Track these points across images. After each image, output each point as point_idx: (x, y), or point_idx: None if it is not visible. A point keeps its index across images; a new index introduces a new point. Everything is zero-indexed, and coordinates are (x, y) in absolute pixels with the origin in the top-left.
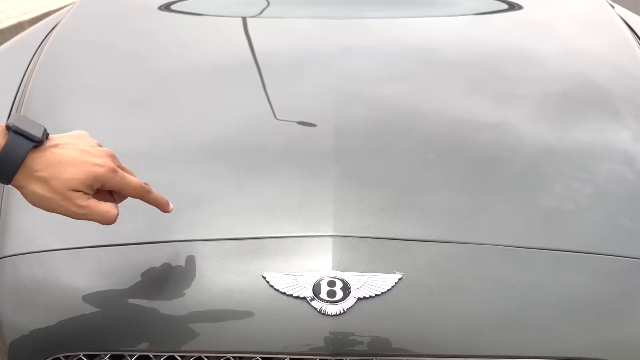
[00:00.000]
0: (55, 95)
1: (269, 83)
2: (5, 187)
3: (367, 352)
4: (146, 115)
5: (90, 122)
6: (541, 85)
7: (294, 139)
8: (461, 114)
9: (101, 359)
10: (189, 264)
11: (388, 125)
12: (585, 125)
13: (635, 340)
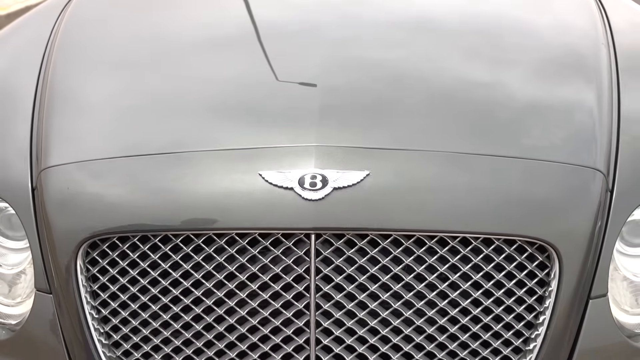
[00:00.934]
0: (77, 65)
1: (269, 48)
2: (45, 109)
3: (339, 227)
4: (159, 71)
5: (109, 86)
6: (496, 38)
7: (285, 81)
8: (436, 64)
9: (130, 241)
10: (204, 166)
11: (370, 68)
12: (525, 62)
13: (556, 221)
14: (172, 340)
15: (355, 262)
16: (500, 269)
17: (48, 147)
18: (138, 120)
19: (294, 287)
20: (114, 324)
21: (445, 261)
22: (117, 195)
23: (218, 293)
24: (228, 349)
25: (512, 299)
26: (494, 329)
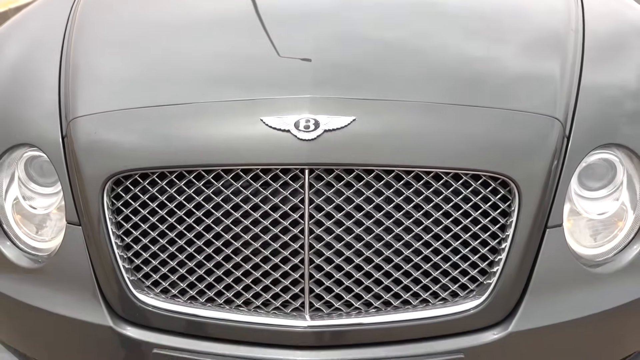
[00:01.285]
0: (95, 39)
1: (268, 23)
2: (70, 74)
3: (329, 163)
4: (170, 42)
5: (124, 54)
6: (476, 18)
7: (284, 48)
8: (418, 36)
9: (149, 178)
10: (213, 114)
11: (360, 40)
12: (498, 35)
13: (517, 159)
14: (187, 263)
15: (343, 194)
16: (467, 201)
17: (75, 102)
18: (153, 79)
19: (291, 215)
20: (136, 250)
21: (421, 194)
22: (136, 139)
23: (226, 221)
24: (235, 269)
25: (477, 226)
26: (462, 252)
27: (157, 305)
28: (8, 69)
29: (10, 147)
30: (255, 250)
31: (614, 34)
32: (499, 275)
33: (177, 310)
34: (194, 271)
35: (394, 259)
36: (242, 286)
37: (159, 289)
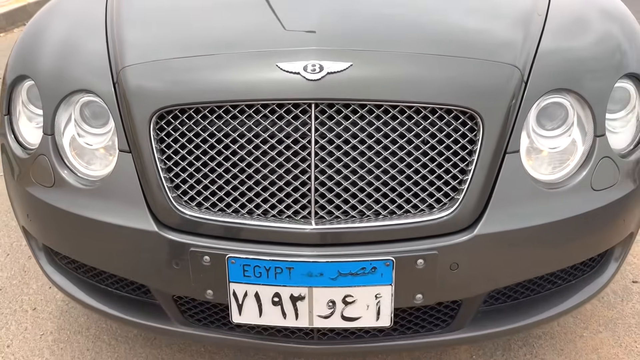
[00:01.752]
0: (136, 6)
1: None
2: (115, 28)
3: (331, 99)
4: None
5: (164, 9)
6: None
7: (295, 13)
8: (405, 7)
9: (187, 113)
10: (239, 60)
11: (356, 9)
12: (471, 8)
13: (483, 97)
14: (217, 181)
15: (341, 124)
16: (441, 131)
17: (122, 55)
18: (186, 36)
19: (301, 142)
20: (176, 172)
21: (404, 124)
22: (175, 82)
23: (248, 146)
24: (255, 186)
25: (449, 152)
26: (437, 172)
27: (193, 215)
28: (64, 31)
29: (69, 93)
30: (272, 170)
31: (575, 8)
32: (465, 191)
33: (209, 218)
34: (222, 188)
35: (383, 177)
36: (261, 199)
37: (194, 203)
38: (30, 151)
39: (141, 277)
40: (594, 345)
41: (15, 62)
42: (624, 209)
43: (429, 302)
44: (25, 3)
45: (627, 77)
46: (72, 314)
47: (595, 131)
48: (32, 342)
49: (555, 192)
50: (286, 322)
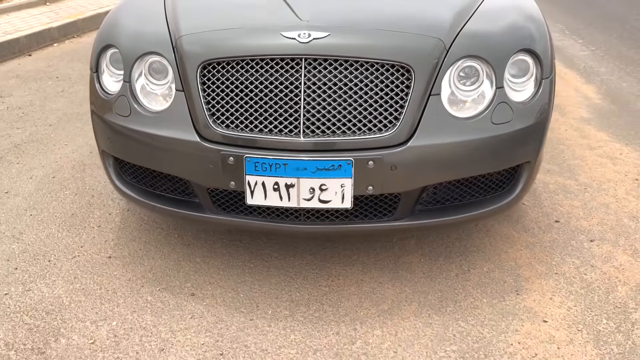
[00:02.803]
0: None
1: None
2: (170, 4)
3: (315, 54)
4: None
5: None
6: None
7: (296, 5)
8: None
9: (220, 64)
10: (258, 30)
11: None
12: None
13: (416, 57)
14: (240, 109)
15: (322, 72)
16: (387, 79)
17: (178, 29)
18: (222, 13)
19: (295, 83)
20: (213, 104)
21: (363, 73)
22: (212, 46)
23: (259, 85)
24: (265, 112)
25: (392, 92)
26: (384, 105)
27: (223, 131)
28: (136, 15)
29: (142, 54)
30: (276, 101)
31: (500, 4)
32: (402, 119)
33: (233, 133)
34: (243, 113)
35: (349, 108)
36: (268, 121)
37: (224, 124)
38: (110, 95)
39: (187, 175)
40: (514, 257)
41: (101, 35)
42: (515, 138)
43: (377, 192)
44: (75, 19)
45: (526, 51)
46: (126, 230)
47: (497, 84)
48: (99, 245)
49: (464, 123)
50: (282, 203)
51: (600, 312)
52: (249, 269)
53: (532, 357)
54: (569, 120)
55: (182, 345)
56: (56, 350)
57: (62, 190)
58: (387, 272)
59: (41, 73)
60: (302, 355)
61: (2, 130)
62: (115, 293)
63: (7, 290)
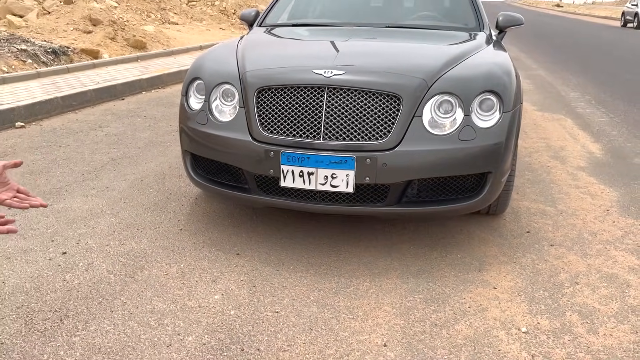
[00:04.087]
0: (251, 45)
1: (322, 39)
2: (239, 54)
3: (334, 85)
4: (281, 47)
5: (267, 48)
6: (419, 36)
7: (331, 44)
8: (391, 42)
9: (270, 90)
10: (296, 68)
11: (364, 43)
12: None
13: (404, 89)
14: (280, 121)
15: (339, 98)
16: (384, 103)
17: (244, 67)
18: (274, 59)
19: (318, 106)
20: (263, 117)
21: (367, 99)
22: (267, 77)
23: (294, 105)
24: (297, 123)
25: (386, 113)
26: (379, 122)
27: (268, 135)
28: (215, 58)
29: (219, 83)
30: (304, 118)
31: (479, 60)
32: (392, 132)
33: (275, 137)
34: (281, 124)
35: (355, 122)
36: (298, 129)
37: (268, 130)
38: (193, 111)
39: (242, 165)
40: (484, 250)
41: (191, 71)
42: (477, 152)
43: (372, 182)
44: (161, 74)
45: (490, 92)
46: (193, 215)
47: (465, 113)
48: (173, 222)
49: (438, 138)
50: (304, 186)
51: (539, 286)
52: (280, 242)
53: (478, 306)
54: (566, 168)
55: (227, 279)
56: (141, 277)
57: (147, 189)
58: (383, 252)
59: (132, 112)
60: (310, 290)
61: (102, 149)
62: (183, 250)
63: (108, 243)
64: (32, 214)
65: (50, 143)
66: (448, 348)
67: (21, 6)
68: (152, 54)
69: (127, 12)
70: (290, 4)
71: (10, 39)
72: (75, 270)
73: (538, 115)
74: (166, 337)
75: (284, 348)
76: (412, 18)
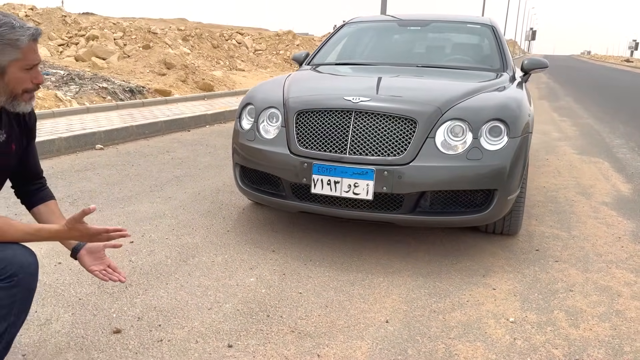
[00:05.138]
0: (295, 81)
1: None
2: (286, 86)
3: (361, 110)
4: (323, 83)
5: (308, 82)
6: (448, 75)
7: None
8: (422, 78)
9: (312, 112)
10: (330, 96)
11: (400, 80)
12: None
13: (420, 114)
14: (313, 138)
15: (365, 121)
16: (401, 125)
17: (288, 95)
18: (313, 89)
19: (346, 127)
20: (301, 134)
21: (388, 122)
22: (306, 102)
23: (326, 127)
24: (328, 141)
25: (403, 133)
26: (397, 141)
27: (303, 150)
28: (264, 90)
29: (266, 107)
30: (334, 136)
31: (489, 95)
32: (408, 149)
33: (309, 151)
34: (314, 140)
35: (376, 141)
36: (329, 145)
37: (304, 146)
38: (244, 130)
39: (281, 174)
40: (492, 261)
41: (245, 99)
42: (483, 170)
43: (389, 191)
44: (223, 110)
45: (498, 119)
46: (239, 220)
47: (474, 136)
48: (222, 225)
49: (448, 156)
50: (331, 192)
51: (535, 290)
52: (310, 244)
53: (475, 301)
54: (590, 202)
55: (262, 268)
56: (192, 262)
57: (203, 200)
58: (399, 257)
59: (196, 141)
60: (330, 280)
61: (168, 169)
62: (228, 245)
63: (167, 237)
64: (108, 214)
65: (124, 162)
66: (441, 328)
67: (105, 50)
68: (217, 93)
69: (199, 59)
70: (339, 47)
71: (93, 78)
72: (140, 254)
73: (576, 158)
74: (208, 303)
75: (302, 317)
76: (444, 60)
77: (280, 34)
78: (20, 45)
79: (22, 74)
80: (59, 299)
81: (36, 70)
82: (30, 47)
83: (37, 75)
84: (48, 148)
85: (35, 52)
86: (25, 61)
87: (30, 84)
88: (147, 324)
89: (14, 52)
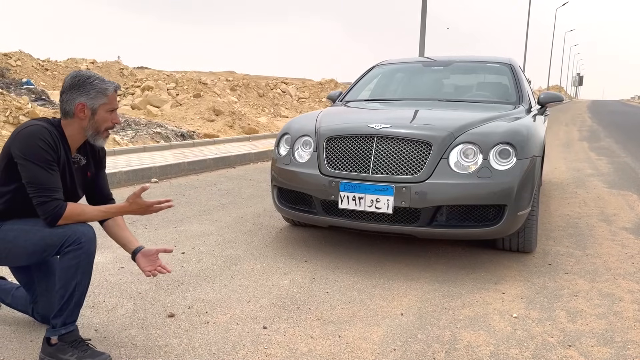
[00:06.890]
0: (327, 115)
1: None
2: (319, 120)
3: (381, 135)
4: (355, 117)
5: (339, 115)
6: (468, 106)
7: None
8: (446, 112)
9: (340, 138)
10: (357, 125)
11: (429, 113)
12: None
13: (435, 139)
14: (341, 162)
15: (386, 144)
16: (417, 147)
17: (320, 126)
18: (342, 119)
19: (369, 149)
20: (330, 157)
21: (405, 145)
22: (334, 130)
23: (352, 150)
24: (354, 163)
25: (419, 154)
26: (413, 161)
27: (333, 170)
28: (300, 122)
29: (301, 135)
30: (359, 159)
31: (501, 123)
32: (424, 168)
33: (337, 171)
34: (343, 163)
35: (397, 163)
36: (355, 166)
37: (333, 167)
38: (281, 156)
39: (313, 192)
40: (505, 273)
41: (283, 129)
42: (492, 187)
43: (407, 206)
44: (266, 149)
45: (506, 143)
46: (277, 238)
47: (484, 157)
48: (261, 241)
49: (460, 174)
50: (356, 207)
51: (542, 295)
52: (338, 256)
53: (484, 301)
54: (610, 227)
55: (295, 273)
56: (235, 268)
57: (245, 222)
58: (419, 268)
59: (241, 176)
60: (355, 284)
61: (215, 198)
62: (266, 256)
63: (214, 249)
64: (163, 232)
65: (176, 192)
66: (450, 320)
67: (158, 99)
68: (261, 135)
69: (245, 107)
70: (370, 86)
71: (148, 124)
72: (190, 262)
73: (605, 192)
74: (247, 298)
75: (327, 309)
76: (464, 95)
77: (322, 83)
78: (107, 93)
79: (106, 115)
80: (122, 293)
81: (115, 113)
82: (114, 95)
83: (115, 117)
84: (110, 180)
85: (116, 100)
86: (110, 105)
87: (111, 123)
88: (196, 311)
89: (103, 98)
